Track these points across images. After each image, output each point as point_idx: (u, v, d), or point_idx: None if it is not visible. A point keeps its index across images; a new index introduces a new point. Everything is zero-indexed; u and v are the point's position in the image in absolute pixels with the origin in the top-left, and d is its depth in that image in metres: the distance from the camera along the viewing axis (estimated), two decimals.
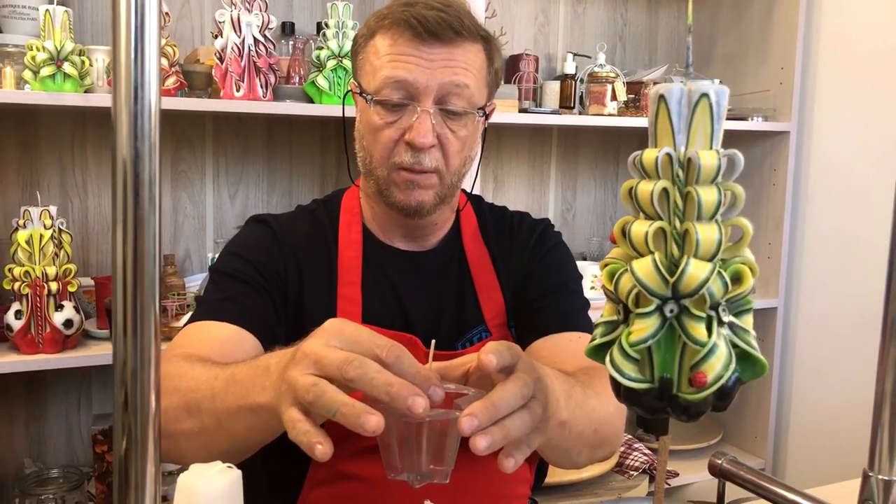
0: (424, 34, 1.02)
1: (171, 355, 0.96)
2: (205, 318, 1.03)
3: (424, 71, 1.02)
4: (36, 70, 1.52)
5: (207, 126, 2.02)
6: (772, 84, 2.30)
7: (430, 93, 1.03)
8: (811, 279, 2.29)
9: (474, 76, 1.06)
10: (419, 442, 0.70)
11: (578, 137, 2.50)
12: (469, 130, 1.08)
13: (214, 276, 1.10)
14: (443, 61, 1.03)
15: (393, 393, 0.64)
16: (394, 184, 1.07)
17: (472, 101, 1.06)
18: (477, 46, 1.07)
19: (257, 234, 1.14)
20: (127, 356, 0.47)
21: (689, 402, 0.49)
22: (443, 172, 1.07)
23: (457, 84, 1.04)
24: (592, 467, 1.99)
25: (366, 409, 0.64)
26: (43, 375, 1.89)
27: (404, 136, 1.04)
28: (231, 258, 1.11)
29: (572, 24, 2.47)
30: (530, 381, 0.72)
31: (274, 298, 1.08)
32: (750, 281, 0.50)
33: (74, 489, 1.72)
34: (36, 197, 1.78)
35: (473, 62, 1.06)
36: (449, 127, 1.05)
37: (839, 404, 2.19)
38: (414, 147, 1.03)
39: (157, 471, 0.51)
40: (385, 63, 1.04)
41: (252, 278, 1.08)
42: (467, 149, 1.09)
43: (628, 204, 0.53)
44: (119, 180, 0.45)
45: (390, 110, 1.05)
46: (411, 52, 1.03)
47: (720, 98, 0.52)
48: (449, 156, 1.06)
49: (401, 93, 1.04)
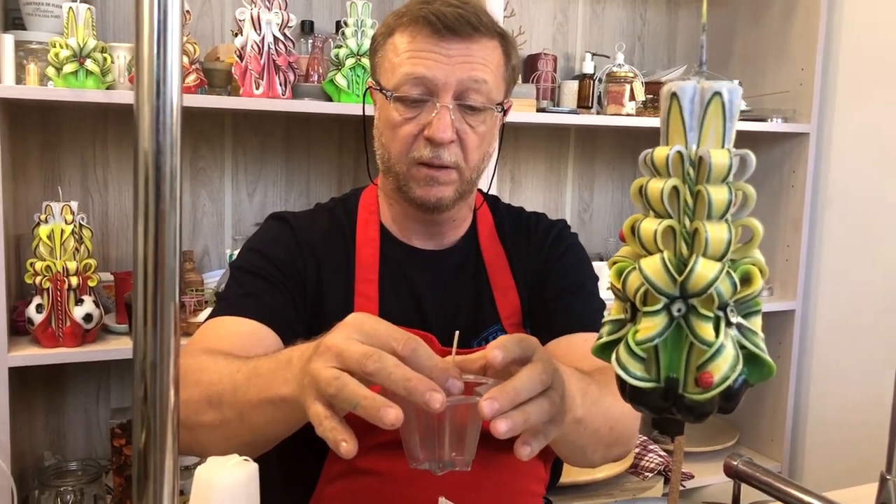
0: (443, 30, 1.03)
1: (191, 349, 0.97)
2: (225, 314, 1.04)
3: (443, 67, 1.03)
4: (59, 67, 1.54)
5: (227, 124, 2.04)
6: (791, 85, 2.28)
7: (448, 89, 1.04)
8: (829, 282, 2.27)
9: (492, 72, 1.07)
10: (441, 428, 0.70)
11: (596, 138, 2.49)
12: (487, 126, 1.08)
13: (235, 273, 1.12)
14: (461, 57, 1.04)
15: (410, 388, 0.66)
16: (413, 179, 1.07)
17: (490, 97, 1.07)
18: (494, 42, 1.08)
19: (276, 231, 1.15)
20: (147, 349, 0.48)
21: (695, 402, 0.49)
22: (462, 168, 1.07)
23: (475, 80, 1.04)
24: (607, 468, 1.99)
25: (385, 403, 0.65)
26: (63, 369, 1.92)
27: (423, 131, 1.05)
28: (251, 255, 1.12)
29: (591, 23, 2.46)
30: (549, 368, 0.73)
31: (293, 295, 1.09)
32: (759, 282, 0.50)
33: (93, 482, 1.74)
34: (58, 192, 1.81)
35: (491, 58, 1.07)
36: (468, 122, 1.06)
37: (857, 407, 2.18)
38: (433, 142, 1.04)
39: (175, 463, 0.52)
40: (404, 60, 1.05)
41: (272, 275, 1.09)
42: (486, 144, 1.10)
43: (638, 202, 0.54)
44: (141, 174, 0.46)
45: (409, 106, 1.06)
46: (430, 48, 1.04)
47: (733, 97, 0.52)
48: (468, 151, 1.07)
49: (420, 89, 1.04)
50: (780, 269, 2.34)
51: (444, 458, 0.71)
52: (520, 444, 0.73)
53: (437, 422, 0.70)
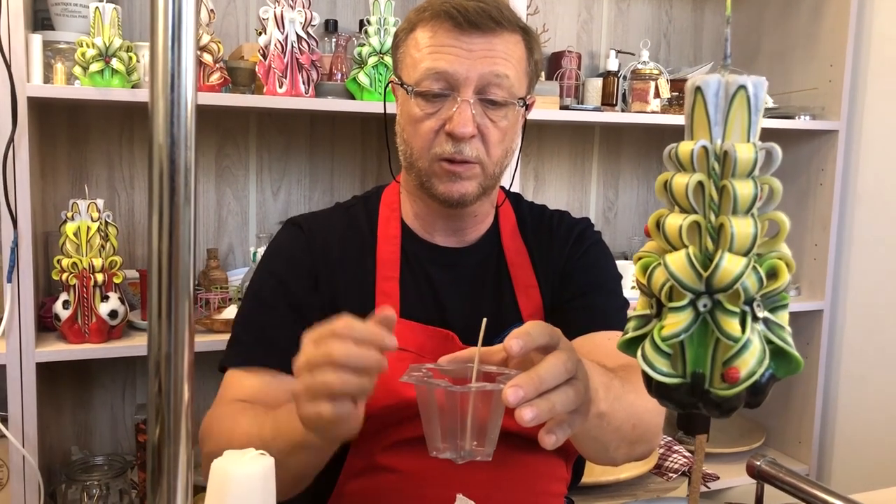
0: (464, 24, 1.02)
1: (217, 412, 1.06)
2: (243, 364, 1.08)
3: (464, 62, 1.03)
4: (85, 66, 1.55)
5: (251, 123, 2.04)
6: (820, 82, 2.25)
7: (470, 83, 1.03)
8: (858, 282, 2.23)
9: (514, 67, 1.06)
10: (463, 416, 0.71)
11: (621, 135, 2.47)
12: (510, 121, 1.07)
13: (252, 302, 1.14)
14: (483, 52, 1.03)
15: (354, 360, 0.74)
16: (435, 175, 1.07)
17: (512, 92, 1.06)
18: (516, 37, 1.07)
19: (290, 242, 1.16)
20: (161, 342, 0.48)
21: (721, 397, 0.48)
22: (485, 163, 1.07)
23: (497, 74, 1.04)
24: (631, 468, 1.97)
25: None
26: (89, 365, 1.93)
27: (445, 126, 1.04)
28: (267, 277, 1.14)
29: (616, 21, 2.44)
30: (573, 357, 0.73)
31: (307, 317, 1.10)
32: (786, 276, 0.49)
33: (118, 476, 1.75)
34: (84, 190, 1.82)
35: (513, 52, 1.06)
36: (489, 117, 1.05)
37: (887, 410, 2.14)
38: (454, 137, 1.04)
39: (189, 457, 0.52)
40: (425, 55, 1.05)
41: (285, 304, 1.11)
42: (508, 140, 1.09)
43: (663, 197, 0.53)
44: (156, 168, 0.46)
45: (431, 101, 1.05)
46: (451, 42, 1.03)
47: (758, 90, 0.51)
48: (490, 146, 1.06)
49: (441, 83, 1.04)
50: (809, 268, 2.31)
51: (465, 447, 0.71)
52: (544, 433, 0.73)
53: (460, 409, 0.70)
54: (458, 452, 0.71)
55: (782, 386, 2.39)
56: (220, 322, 1.71)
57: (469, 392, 0.69)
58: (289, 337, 1.08)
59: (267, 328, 1.09)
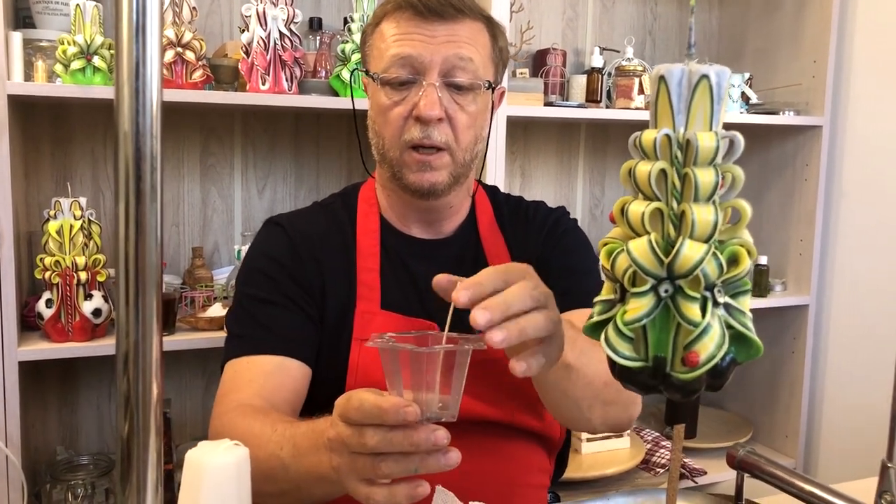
0: (426, 12, 1.05)
1: (224, 409, 1.01)
2: (244, 353, 1.07)
3: (428, 46, 1.05)
4: (67, 63, 1.55)
5: (236, 121, 2.04)
6: (804, 78, 2.26)
7: (434, 66, 1.05)
8: (844, 276, 2.25)
9: (478, 51, 1.08)
10: (429, 374, 0.72)
11: (607, 132, 2.48)
12: (478, 106, 1.09)
13: (243, 300, 1.13)
14: (445, 37, 1.06)
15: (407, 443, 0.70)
16: (406, 165, 1.08)
17: (477, 75, 1.08)
18: (479, 24, 1.10)
19: (273, 240, 1.16)
20: (129, 334, 0.48)
21: (682, 381, 0.49)
22: (454, 149, 1.08)
23: (461, 57, 1.06)
24: (617, 463, 1.98)
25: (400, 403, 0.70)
26: (75, 364, 1.93)
27: (413, 112, 1.06)
28: (255, 276, 1.14)
29: (601, 18, 2.45)
30: (542, 288, 0.75)
31: (302, 305, 1.11)
32: (746, 262, 0.50)
33: (103, 476, 1.75)
34: (68, 189, 1.82)
35: (477, 38, 1.09)
36: (456, 102, 1.08)
37: (872, 403, 2.15)
38: (422, 121, 1.05)
39: (159, 453, 0.52)
40: (391, 44, 1.07)
41: (278, 295, 1.10)
42: (478, 125, 1.11)
43: (627, 184, 0.53)
44: (122, 157, 0.46)
45: (398, 89, 1.07)
46: (414, 30, 1.06)
47: (720, 80, 0.52)
48: (458, 131, 1.08)
49: (407, 69, 1.06)
50: (794, 263, 2.32)
51: (432, 408, 0.72)
52: (515, 360, 0.74)
53: (426, 370, 0.71)
54: (424, 414, 0.71)
55: (769, 381, 2.40)
56: (205, 320, 1.71)
57: (434, 352, 0.70)
58: (285, 324, 1.09)
59: (262, 318, 1.09)
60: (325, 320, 1.11)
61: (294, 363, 1.06)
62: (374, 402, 0.71)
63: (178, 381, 2.05)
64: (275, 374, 1.04)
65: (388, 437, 0.70)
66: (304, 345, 1.09)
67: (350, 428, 0.73)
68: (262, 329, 1.08)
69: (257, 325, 1.09)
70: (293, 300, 1.10)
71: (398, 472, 0.72)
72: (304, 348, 1.08)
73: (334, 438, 0.75)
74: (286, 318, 1.09)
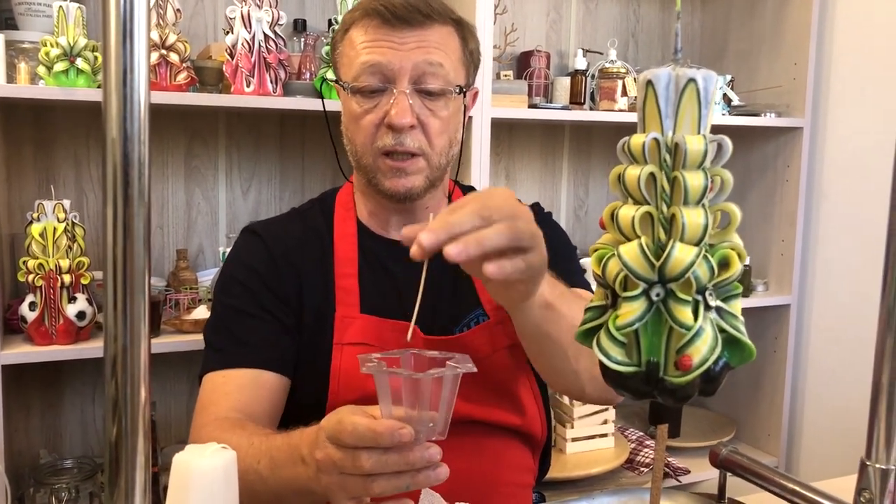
0: (393, 20, 1.05)
1: (203, 422, 1.02)
2: (221, 367, 1.08)
3: (397, 53, 1.05)
4: (49, 65, 1.54)
5: (220, 122, 2.03)
6: (785, 80, 2.28)
7: (404, 73, 1.05)
8: (825, 276, 2.27)
9: (448, 56, 1.08)
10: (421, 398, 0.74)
11: (591, 134, 2.49)
12: (450, 110, 1.09)
13: (220, 310, 1.14)
14: (415, 43, 1.06)
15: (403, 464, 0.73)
16: (380, 171, 1.09)
17: (448, 80, 1.08)
18: (448, 28, 1.09)
19: (250, 249, 1.16)
20: (117, 338, 0.48)
21: (676, 385, 0.49)
22: (428, 154, 1.08)
23: (430, 63, 1.06)
24: (602, 462, 1.99)
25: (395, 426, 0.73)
26: (59, 367, 1.91)
27: (385, 120, 1.06)
28: (232, 286, 1.14)
29: (584, 20, 2.46)
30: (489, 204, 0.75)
31: (279, 315, 1.11)
32: (737, 266, 0.50)
33: (87, 479, 1.73)
34: (51, 191, 1.80)
35: (447, 42, 1.08)
36: (428, 107, 1.07)
37: (853, 401, 2.18)
38: (394, 128, 1.06)
39: (147, 457, 0.52)
40: (360, 51, 1.07)
41: (255, 306, 1.11)
42: (451, 129, 1.11)
43: (617, 189, 0.54)
44: (109, 162, 0.46)
45: (368, 97, 1.07)
46: (383, 37, 1.06)
47: (707, 83, 0.52)
48: (431, 136, 1.08)
49: (377, 77, 1.06)
50: (776, 263, 2.34)
51: (422, 430, 0.75)
52: (486, 262, 0.74)
53: (418, 394, 0.73)
54: (417, 435, 0.73)
55: (752, 380, 2.42)
56: (190, 322, 1.70)
57: (426, 378, 0.71)
58: (262, 336, 1.09)
59: (239, 331, 1.10)
60: (304, 327, 1.11)
61: (270, 375, 1.07)
62: (367, 426, 0.72)
63: (163, 384, 2.04)
64: (251, 388, 1.05)
65: (383, 460, 0.72)
66: (281, 356, 1.09)
67: (342, 451, 0.74)
68: (238, 342, 1.09)
69: (234, 338, 1.10)
70: (270, 311, 1.11)
71: (390, 491, 0.74)
72: (280, 359, 1.09)
73: (323, 460, 0.76)
74: (262, 329, 1.10)
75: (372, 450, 0.73)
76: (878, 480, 0.69)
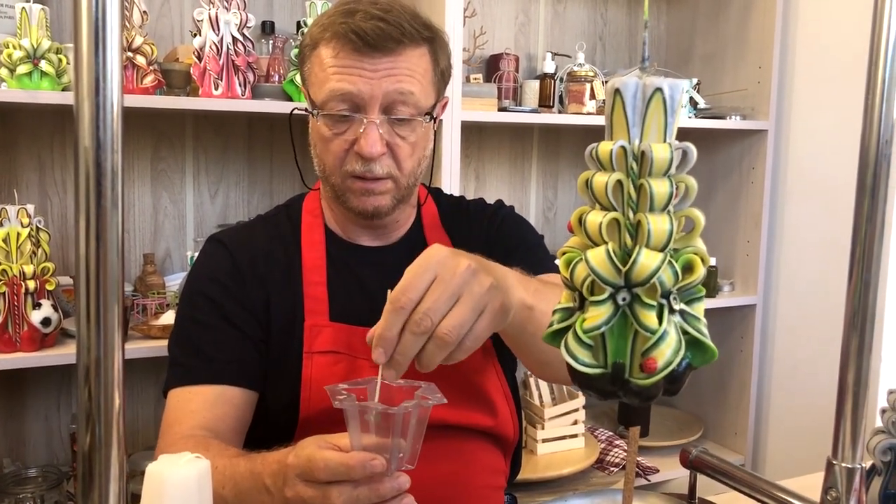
0: (364, 47, 1.03)
1: (169, 441, 1.01)
2: (186, 383, 1.07)
3: (368, 82, 1.03)
4: (12, 68, 1.52)
5: (188, 125, 2.02)
6: (749, 83, 2.32)
7: (375, 103, 1.04)
8: (790, 277, 2.31)
9: (419, 81, 1.07)
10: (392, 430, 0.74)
11: (559, 136, 2.51)
12: (418, 135, 1.09)
13: (185, 322, 1.13)
14: (386, 70, 1.04)
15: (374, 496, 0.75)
16: (349, 191, 1.09)
17: (419, 107, 1.07)
18: (421, 49, 1.08)
19: (215, 260, 1.15)
20: (91, 348, 0.48)
21: (641, 386, 0.50)
22: (397, 177, 1.09)
23: (401, 91, 1.05)
24: (572, 463, 2.01)
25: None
26: (22, 374, 1.89)
27: (354, 147, 1.06)
28: (196, 298, 1.13)
29: (552, 23, 2.48)
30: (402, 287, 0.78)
31: (245, 328, 1.10)
32: (700, 270, 0.52)
33: (53, 488, 1.71)
34: (14, 196, 1.78)
35: (417, 67, 1.07)
36: (398, 134, 1.07)
37: (818, 400, 2.22)
38: (364, 158, 1.05)
39: (122, 465, 0.51)
40: (329, 75, 1.05)
41: (219, 318, 1.10)
42: (419, 151, 1.11)
43: (585, 195, 0.55)
44: (82, 171, 0.45)
45: (338, 122, 1.06)
46: (353, 63, 1.04)
47: (673, 92, 0.53)
48: (400, 161, 1.08)
49: (347, 104, 1.05)
50: (741, 264, 2.38)
51: (393, 460, 0.75)
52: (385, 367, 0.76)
53: (391, 427, 0.74)
54: (388, 467, 0.74)
55: (718, 379, 2.45)
56: (158, 328, 1.69)
57: (398, 413, 0.72)
58: (227, 350, 1.09)
59: (203, 345, 1.09)
60: (272, 337, 1.11)
61: (236, 390, 1.06)
62: (339, 461, 0.73)
63: (130, 389, 2.02)
64: (217, 404, 1.05)
65: (354, 495, 0.73)
66: (247, 369, 1.08)
67: (312, 488, 0.75)
68: (203, 357, 1.08)
69: (198, 353, 1.08)
70: (235, 323, 1.10)
71: None
72: (246, 373, 1.08)
73: (293, 499, 0.77)
74: (227, 343, 1.09)
75: (343, 485, 0.74)
76: (845, 479, 0.70)
